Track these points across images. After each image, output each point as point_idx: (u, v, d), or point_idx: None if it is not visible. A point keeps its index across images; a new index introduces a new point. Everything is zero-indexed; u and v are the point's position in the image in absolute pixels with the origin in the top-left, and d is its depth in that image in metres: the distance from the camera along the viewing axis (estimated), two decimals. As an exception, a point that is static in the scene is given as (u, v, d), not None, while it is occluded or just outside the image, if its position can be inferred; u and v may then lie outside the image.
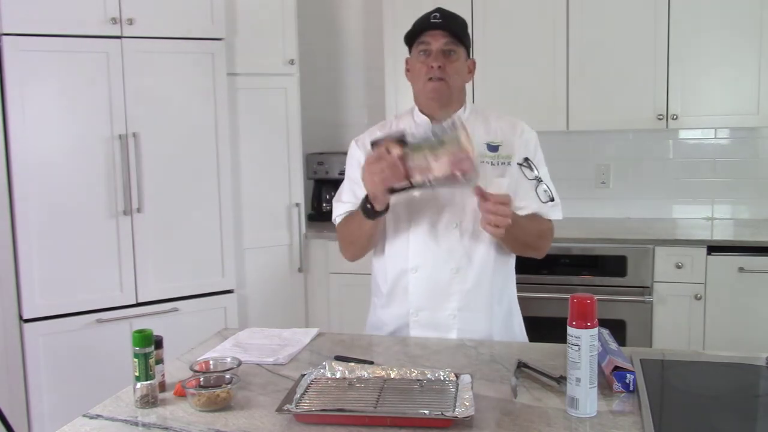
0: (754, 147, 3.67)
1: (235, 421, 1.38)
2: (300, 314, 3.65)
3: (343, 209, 1.99)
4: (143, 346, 1.45)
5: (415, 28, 1.89)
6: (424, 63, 1.86)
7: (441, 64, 1.84)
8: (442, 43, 1.85)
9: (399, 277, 1.92)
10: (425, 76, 1.86)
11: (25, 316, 2.93)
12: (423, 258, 1.88)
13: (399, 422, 1.32)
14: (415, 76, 1.91)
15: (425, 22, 1.87)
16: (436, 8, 1.90)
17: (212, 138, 3.25)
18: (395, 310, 1.95)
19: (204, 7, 3.21)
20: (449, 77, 1.85)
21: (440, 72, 1.84)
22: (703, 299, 3.20)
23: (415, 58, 1.90)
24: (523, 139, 1.95)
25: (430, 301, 1.90)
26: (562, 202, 2.00)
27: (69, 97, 2.95)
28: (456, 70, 1.87)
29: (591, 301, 1.35)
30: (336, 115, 4.20)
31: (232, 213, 3.35)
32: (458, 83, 1.90)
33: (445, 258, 1.87)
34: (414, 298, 1.91)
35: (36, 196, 2.90)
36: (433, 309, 1.90)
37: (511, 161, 1.91)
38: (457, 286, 1.88)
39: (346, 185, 2.01)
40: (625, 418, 1.34)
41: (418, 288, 1.90)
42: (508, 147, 1.92)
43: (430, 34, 1.85)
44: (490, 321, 1.91)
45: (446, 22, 1.86)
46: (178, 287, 3.21)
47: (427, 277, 1.89)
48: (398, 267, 1.92)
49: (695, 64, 3.39)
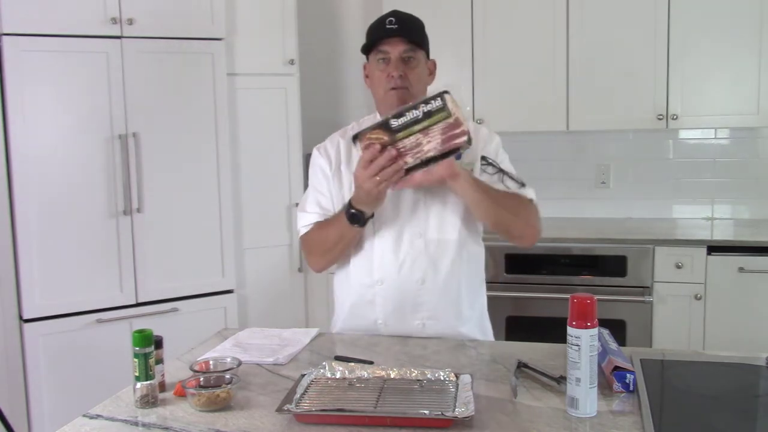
0: (754, 147, 3.67)
1: (235, 421, 1.37)
2: (300, 314, 3.64)
3: (309, 220, 1.93)
4: (143, 346, 1.45)
5: (372, 37, 1.85)
6: (384, 71, 1.82)
7: (402, 73, 1.81)
8: (400, 51, 1.81)
9: (364, 289, 1.89)
10: (386, 84, 1.82)
11: (25, 316, 2.93)
12: (388, 270, 1.85)
13: (399, 422, 1.32)
14: (375, 84, 1.87)
15: (381, 30, 1.82)
16: (391, 12, 1.85)
17: (212, 138, 3.25)
18: (361, 321, 1.91)
19: (204, 7, 3.21)
20: (411, 85, 1.82)
21: (401, 81, 1.81)
22: (703, 299, 3.20)
23: (374, 66, 1.86)
24: (481, 142, 1.90)
25: (398, 313, 1.87)
26: (562, 202, 1.99)
27: (69, 97, 2.95)
28: (417, 76, 1.84)
29: (591, 301, 1.35)
30: (336, 115, 4.19)
31: (232, 213, 3.35)
32: (420, 89, 1.86)
33: (410, 269, 1.84)
34: (381, 309, 1.88)
35: (36, 197, 2.90)
36: (400, 320, 1.87)
37: (473, 167, 1.87)
38: (424, 297, 1.85)
39: (310, 195, 1.96)
40: (625, 418, 1.34)
41: (385, 300, 1.87)
42: (470, 154, 1.87)
43: (388, 42, 1.81)
44: (461, 327, 1.88)
45: (403, 28, 1.81)
46: (178, 287, 3.21)
47: (394, 289, 1.85)
48: (363, 279, 1.88)
49: (695, 64, 3.40)
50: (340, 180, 1.91)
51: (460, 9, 3.61)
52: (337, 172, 1.92)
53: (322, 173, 1.93)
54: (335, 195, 1.91)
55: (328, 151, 1.95)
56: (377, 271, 1.86)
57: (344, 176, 1.90)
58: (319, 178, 1.94)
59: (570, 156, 3.88)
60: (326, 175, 1.93)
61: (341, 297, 1.98)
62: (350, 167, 1.88)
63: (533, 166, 3.90)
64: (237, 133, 3.40)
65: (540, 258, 3.38)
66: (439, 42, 3.70)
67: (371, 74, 1.89)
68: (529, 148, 3.88)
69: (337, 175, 1.92)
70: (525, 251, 3.36)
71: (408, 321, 1.87)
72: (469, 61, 3.59)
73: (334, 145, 1.96)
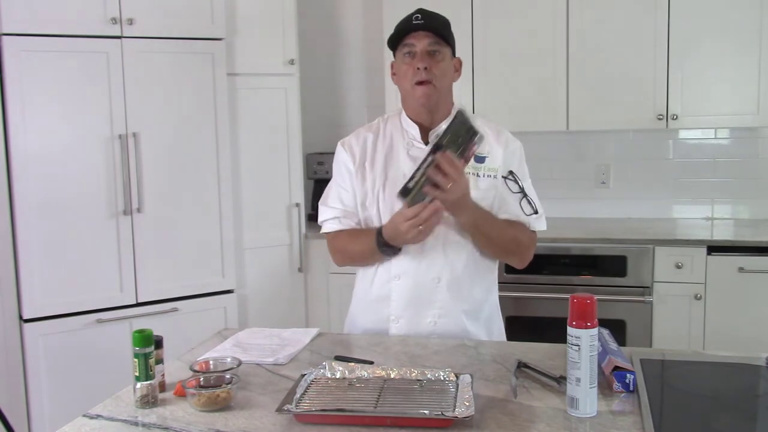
0: (754, 147, 3.67)
1: (235, 421, 1.38)
2: (300, 314, 3.65)
3: (331, 214, 1.96)
4: (143, 346, 1.45)
5: (398, 30, 1.86)
6: (410, 65, 1.84)
7: (427, 65, 1.82)
8: (426, 44, 1.82)
9: (383, 284, 1.92)
10: (412, 78, 1.84)
11: (25, 316, 2.93)
12: (406, 267, 1.88)
13: (399, 422, 1.32)
14: (401, 79, 1.89)
15: (407, 24, 1.84)
16: (417, 9, 1.86)
17: (212, 138, 3.25)
18: (375, 315, 1.94)
19: (204, 7, 3.21)
20: (436, 79, 1.83)
21: (426, 74, 1.82)
22: (703, 299, 3.20)
23: (401, 61, 1.87)
24: (509, 150, 1.94)
25: (411, 309, 1.90)
26: (562, 201, 2.00)
27: (69, 97, 2.95)
28: (442, 70, 1.85)
29: (591, 301, 1.35)
30: (336, 115, 4.20)
31: (232, 213, 3.35)
32: (446, 84, 1.89)
33: (427, 267, 1.87)
34: (396, 305, 1.91)
35: (36, 196, 2.90)
36: (413, 316, 1.90)
37: (496, 174, 1.90)
38: (438, 295, 1.88)
39: (333, 189, 1.99)
40: (625, 418, 1.34)
41: (400, 296, 1.90)
42: (494, 159, 1.90)
43: (414, 36, 1.83)
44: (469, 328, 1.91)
45: (429, 22, 1.83)
46: (178, 287, 3.21)
47: (410, 286, 1.88)
48: (383, 275, 1.91)
49: (695, 64, 3.40)
50: (363, 176, 1.93)
51: (460, 9, 3.61)
52: (360, 168, 1.93)
53: (346, 169, 1.94)
54: (358, 191, 1.93)
55: (352, 148, 1.96)
56: (395, 267, 1.89)
57: (368, 173, 1.92)
58: (343, 173, 1.96)
59: (570, 156, 3.88)
60: (350, 171, 1.94)
61: (359, 292, 2.00)
62: (374, 165, 1.92)
63: (533, 166, 3.89)
64: (237, 133, 3.40)
65: (540, 258, 3.35)
66: (439, 42, 3.72)
67: (398, 69, 1.91)
68: (529, 148, 3.84)
69: (361, 171, 1.93)
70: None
71: (421, 318, 1.89)
72: (469, 61, 3.59)
73: (359, 142, 1.97)
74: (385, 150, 1.93)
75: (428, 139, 1.89)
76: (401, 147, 1.92)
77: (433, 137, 1.87)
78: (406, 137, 1.93)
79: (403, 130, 1.94)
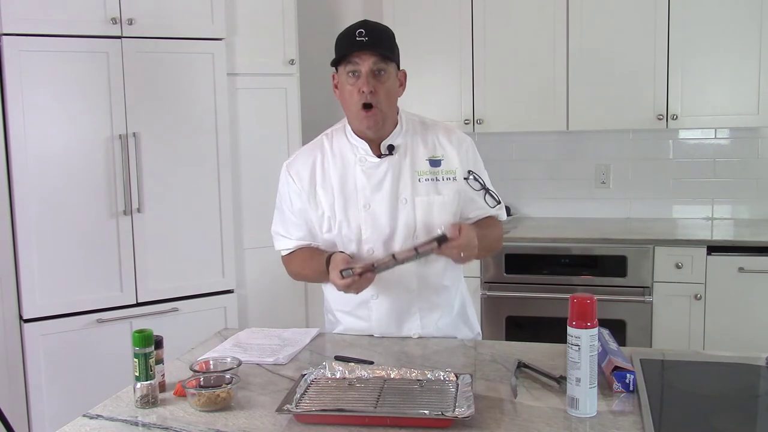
0: (754, 147, 3.67)
1: (235, 421, 1.38)
2: (300, 314, 3.64)
3: (286, 245, 1.97)
4: (143, 346, 1.45)
5: (342, 48, 1.81)
6: (355, 86, 1.79)
7: (372, 89, 1.77)
8: (371, 63, 1.77)
9: (359, 304, 1.92)
10: (358, 101, 1.79)
11: (25, 316, 2.93)
12: (381, 285, 1.85)
13: (399, 422, 1.32)
14: (345, 98, 1.84)
15: (352, 42, 1.78)
16: (361, 22, 1.81)
17: (212, 138, 3.25)
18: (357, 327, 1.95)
19: (204, 7, 3.21)
20: (381, 102, 1.79)
21: (372, 97, 1.77)
22: (703, 299, 3.20)
23: (345, 80, 1.82)
24: (462, 150, 1.91)
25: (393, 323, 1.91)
26: (561, 202, 2.01)
27: (69, 97, 2.95)
28: (387, 91, 1.81)
29: (591, 301, 1.35)
30: (336, 115, 4.17)
31: (232, 213, 3.35)
32: (390, 104, 1.85)
33: (402, 283, 1.87)
34: (376, 324, 1.92)
35: (36, 196, 2.90)
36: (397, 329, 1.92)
37: (455, 176, 1.89)
38: (417, 305, 1.91)
39: (281, 219, 1.98)
40: (625, 418, 1.34)
41: (380, 314, 1.91)
42: (450, 161, 1.89)
43: (358, 55, 1.77)
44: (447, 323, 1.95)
45: (373, 40, 1.77)
46: (178, 287, 3.21)
47: (389, 302, 1.90)
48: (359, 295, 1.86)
49: (695, 64, 3.39)
50: (316, 203, 1.90)
51: (460, 9, 3.61)
52: (311, 195, 1.90)
53: (297, 197, 1.92)
54: (313, 216, 1.91)
55: (300, 173, 1.92)
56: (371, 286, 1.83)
57: (321, 198, 1.90)
58: (290, 203, 1.94)
59: (570, 156, 3.88)
60: (301, 199, 1.91)
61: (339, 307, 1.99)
62: (327, 188, 1.89)
63: (533, 166, 3.91)
64: (237, 133, 3.40)
65: (540, 258, 3.38)
66: (439, 42, 3.73)
67: (341, 86, 1.85)
68: (530, 148, 3.88)
69: (313, 196, 1.90)
70: (525, 251, 3.37)
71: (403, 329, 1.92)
72: (469, 61, 3.59)
73: (307, 166, 1.93)
74: (338, 170, 1.89)
75: (380, 150, 1.87)
76: (354, 164, 1.89)
77: (385, 149, 1.86)
78: (358, 153, 1.89)
79: (352, 146, 1.90)
